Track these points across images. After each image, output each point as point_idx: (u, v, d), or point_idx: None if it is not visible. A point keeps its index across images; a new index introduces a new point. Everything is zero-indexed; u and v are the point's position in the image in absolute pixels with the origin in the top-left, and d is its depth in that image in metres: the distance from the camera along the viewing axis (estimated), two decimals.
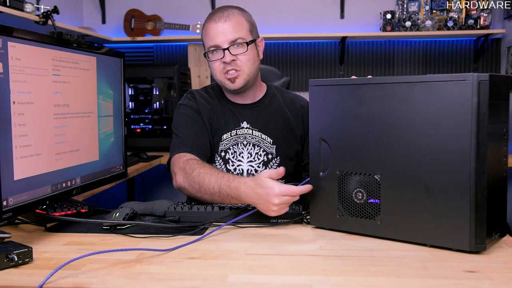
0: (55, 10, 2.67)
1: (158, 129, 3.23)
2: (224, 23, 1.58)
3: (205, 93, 1.74)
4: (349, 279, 0.95)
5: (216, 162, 1.67)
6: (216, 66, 1.61)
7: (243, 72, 1.60)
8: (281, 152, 1.68)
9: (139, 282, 0.94)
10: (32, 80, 1.17)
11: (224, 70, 1.59)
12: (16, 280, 0.96)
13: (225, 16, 1.59)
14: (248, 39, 1.61)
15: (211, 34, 1.59)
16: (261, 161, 1.66)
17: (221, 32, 1.58)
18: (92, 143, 1.46)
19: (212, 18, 1.61)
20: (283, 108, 1.72)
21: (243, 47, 1.59)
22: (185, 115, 1.67)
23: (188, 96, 1.72)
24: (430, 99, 1.10)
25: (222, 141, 1.66)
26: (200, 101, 1.69)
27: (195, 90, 1.75)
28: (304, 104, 1.76)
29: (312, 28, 3.87)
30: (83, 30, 3.35)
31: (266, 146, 1.67)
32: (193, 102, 1.69)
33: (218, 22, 1.59)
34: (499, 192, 1.13)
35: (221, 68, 1.60)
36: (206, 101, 1.70)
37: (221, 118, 1.68)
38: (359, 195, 1.21)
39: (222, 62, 1.59)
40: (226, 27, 1.58)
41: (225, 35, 1.57)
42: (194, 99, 1.70)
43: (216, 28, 1.59)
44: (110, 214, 1.33)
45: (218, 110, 1.69)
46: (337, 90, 1.24)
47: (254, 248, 1.14)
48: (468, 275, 0.96)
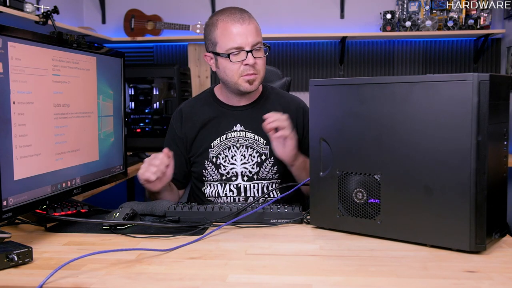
0: (55, 10, 2.67)
1: (158, 129, 3.22)
2: (248, 25, 1.58)
3: (197, 102, 1.76)
4: (349, 279, 0.95)
5: (208, 168, 1.68)
6: (236, 68, 1.59)
7: (259, 75, 1.62)
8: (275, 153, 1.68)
9: (139, 282, 0.94)
10: (32, 80, 1.17)
11: (243, 72, 1.59)
12: (16, 280, 0.96)
13: (247, 19, 1.59)
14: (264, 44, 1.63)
15: (234, 34, 1.57)
16: (255, 162, 1.66)
17: (246, 34, 1.57)
18: (92, 143, 1.46)
19: (234, 18, 1.59)
20: (277, 109, 1.71)
21: (262, 51, 1.62)
22: (167, 139, 1.78)
23: (174, 116, 1.78)
24: (430, 99, 1.10)
25: (212, 148, 1.68)
26: (185, 119, 1.74)
27: (184, 105, 1.79)
28: (299, 106, 1.76)
29: (312, 28, 3.87)
30: (83, 30, 3.36)
31: (260, 147, 1.67)
32: (177, 125, 1.75)
33: (243, 24, 1.58)
34: (499, 192, 1.13)
35: (240, 70, 1.59)
36: (194, 115, 1.73)
37: (210, 125, 1.70)
38: (359, 195, 1.21)
39: (242, 65, 1.59)
40: (250, 29, 1.58)
41: (249, 37, 1.57)
42: (179, 119, 1.75)
43: (240, 29, 1.57)
44: (110, 214, 1.33)
45: (207, 117, 1.71)
46: (337, 90, 1.24)
47: (254, 248, 1.14)
48: (468, 275, 0.96)
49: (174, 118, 1.77)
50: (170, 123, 1.78)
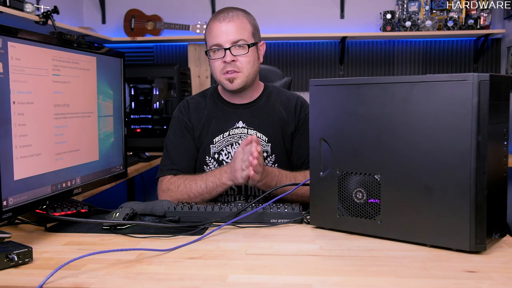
0: (55, 10, 2.67)
1: (158, 129, 3.22)
2: (228, 23, 1.61)
3: (201, 98, 1.79)
4: (349, 279, 0.95)
5: (210, 164, 1.69)
6: (217, 65, 1.63)
7: (242, 73, 1.63)
8: (276, 150, 1.69)
9: (139, 282, 0.94)
10: (32, 80, 1.17)
11: (224, 70, 1.62)
12: (16, 280, 0.96)
13: (230, 17, 1.63)
14: (250, 42, 1.64)
15: (214, 33, 1.62)
16: None
17: (224, 32, 1.61)
18: (92, 143, 1.46)
19: (217, 17, 1.64)
20: (278, 106, 1.74)
21: (244, 49, 1.62)
22: (174, 130, 1.76)
23: (180, 107, 1.78)
24: (430, 99, 1.10)
25: (214, 144, 1.69)
26: (192, 110, 1.75)
27: (190, 98, 1.81)
28: (298, 100, 1.78)
29: (312, 28, 3.87)
30: (83, 30, 3.36)
31: (261, 145, 1.68)
32: (184, 113, 1.75)
33: (222, 22, 1.62)
34: (499, 192, 1.13)
35: (221, 67, 1.63)
36: (199, 108, 1.75)
37: (213, 122, 1.71)
38: (359, 195, 1.21)
39: (222, 62, 1.62)
40: (230, 27, 1.61)
41: (227, 35, 1.61)
42: (186, 109, 1.76)
43: (219, 28, 1.62)
44: (110, 214, 1.33)
45: (211, 113, 1.73)
46: (337, 90, 1.24)
47: (254, 248, 1.14)
48: (468, 275, 0.96)
49: (181, 109, 1.77)
50: (174, 116, 1.77)
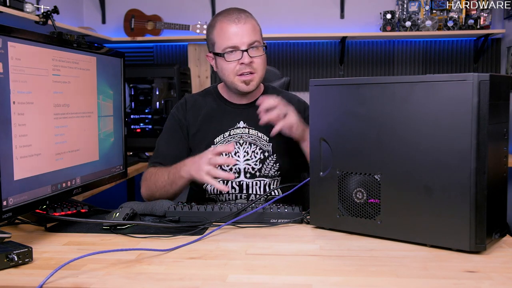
0: (55, 10, 2.67)
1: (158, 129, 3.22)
2: (244, 25, 1.61)
3: (200, 96, 1.78)
4: (349, 279, 0.95)
5: None
6: (231, 67, 1.62)
7: (257, 74, 1.64)
8: (278, 149, 1.69)
9: (139, 282, 0.94)
10: (32, 80, 1.17)
11: (239, 71, 1.61)
12: (16, 280, 0.96)
13: (244, 19, 1.62)
14: (262, 43, 1.64)
15: (230, 34, 1.60)
16: (258, 159, 1.67)
17: (241, 33, 1.60)
18: (92, 143, 1.46)
19: (230, 18, 1.62)
20: None
21: (260, 50, 1.63)
22: (167, 126, 1.76)
23: (177, 105, 1.78)
24: (430, 99, 1.10)
25: (215, 144, 1.69)
26: (190, 107, 1.74)
27: (189, 95, 1.80)
28: (299, 101, 1.78)
29: (312, 28, 3.87)
30: (83, 30, 3.36)
31: (263, 144, 1.68)
32: (180, 111, 1.75)
33: (238, 23, 1.60)
34: (499, 192, 1.13)
35: (236, 69, 1.61)
36: (197, 106, 1.75)
37: (214, 121, 1.71)
38: (359, 195, 1.21)
39: (238, 64, 1.61)
40: (246, 29, 1.60)
41: (244, 36, 1.59)
42: (183, 107, 1.75)
43: (236, 29, 1.60)
44: (110, 214, 1.33)
45: (212, 113, 1.73)
46: (337, 90, 1.24)
47: (254, 248, 1.14)
48: (468, 275, 0.96)
49: (177, 107, 1.77)
50: (171, 113, 1.77)
